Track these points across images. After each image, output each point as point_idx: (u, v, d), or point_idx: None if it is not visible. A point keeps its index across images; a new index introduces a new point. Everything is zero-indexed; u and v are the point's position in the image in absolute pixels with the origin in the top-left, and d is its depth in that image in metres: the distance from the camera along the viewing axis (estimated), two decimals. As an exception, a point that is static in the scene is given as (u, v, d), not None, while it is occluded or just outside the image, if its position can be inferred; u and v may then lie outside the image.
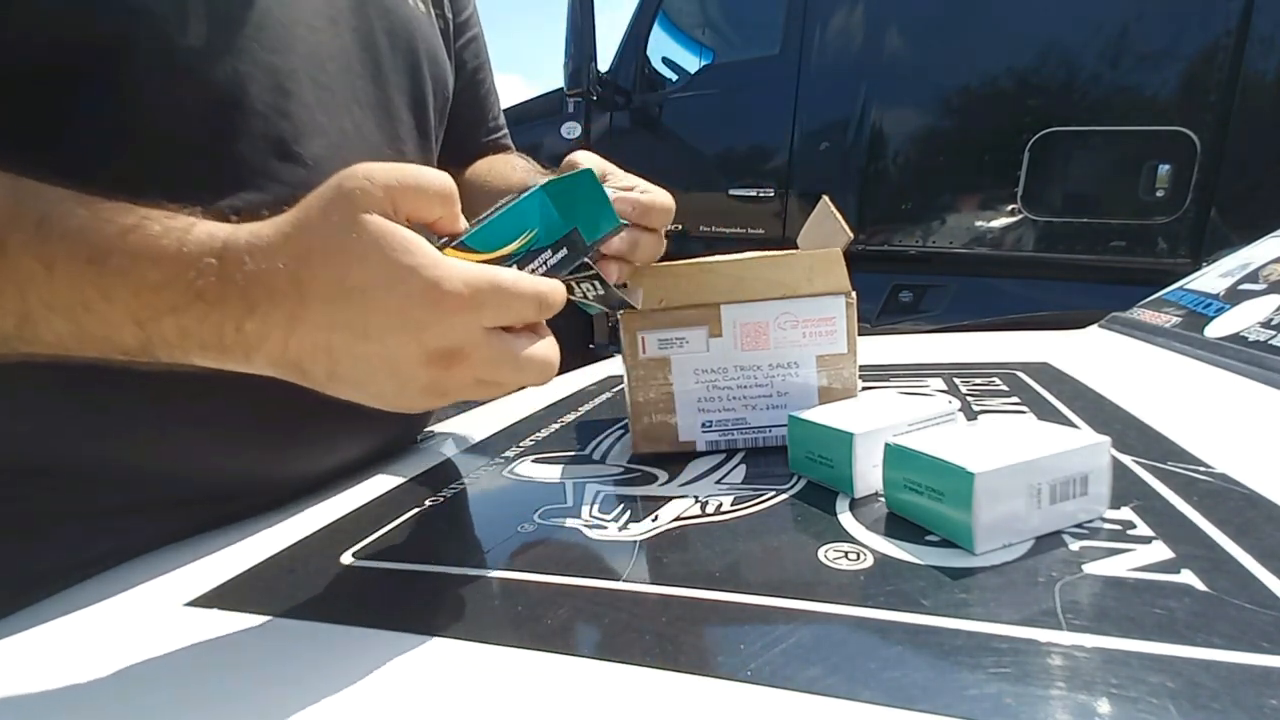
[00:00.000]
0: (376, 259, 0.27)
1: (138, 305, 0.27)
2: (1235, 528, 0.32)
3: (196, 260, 0.27)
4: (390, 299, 0.27)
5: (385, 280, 0.27)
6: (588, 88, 2.61)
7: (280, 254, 0.27)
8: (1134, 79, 2.01)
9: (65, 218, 0.27)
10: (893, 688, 0.23)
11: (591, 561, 0.35)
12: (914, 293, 2.37)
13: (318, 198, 0.28)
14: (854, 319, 0.47)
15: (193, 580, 0.36)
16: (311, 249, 0.27)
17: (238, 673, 0.28)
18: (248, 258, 0.27)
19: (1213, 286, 0.80)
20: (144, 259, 0.27)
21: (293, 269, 0.27)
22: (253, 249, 0.27)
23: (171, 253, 0.27)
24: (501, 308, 0.29)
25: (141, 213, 0.28)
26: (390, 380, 0.29)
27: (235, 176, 0.39)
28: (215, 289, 0.27)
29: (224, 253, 0.27)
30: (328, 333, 0.27)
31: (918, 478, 0.34)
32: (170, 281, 0.27)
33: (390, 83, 0.49)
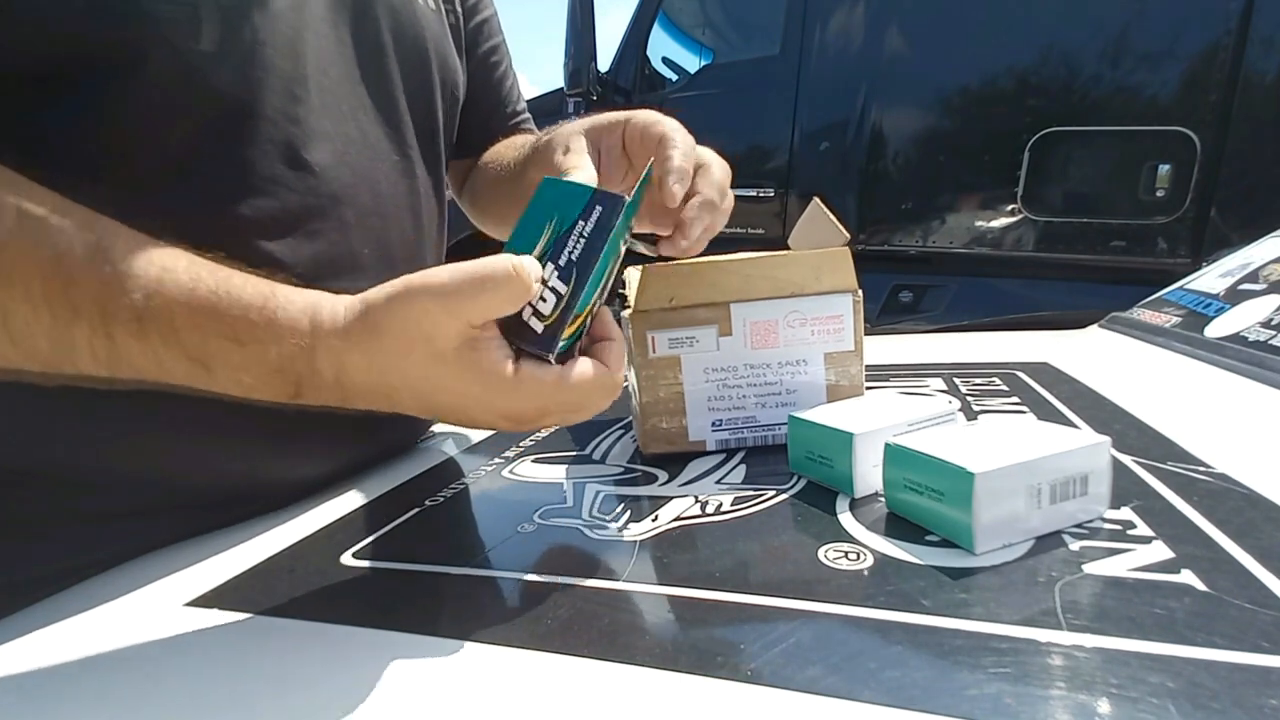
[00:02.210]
0: (457, 390, 0.31)
1: (241, 393, 0.31)
2: (1235, 528, 0.32)
3: (287, 374, 0.30)
4: (471, 415, 0.32)
5: (467, 404, 0.31)
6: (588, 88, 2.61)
7: (367, 373, 0.30)
8: (1134, 79, 2.01)
9: (159, 316, 0.29)
10: (893, 688, 0.23)
11: (591, 561, 0.35)
12: (914, 293, 2.37)
13: (395, 318, 0.29)
14: (860, 316, 0.47)
15: (193, 580, 0.36)
16: (395, 387, 0.31)
17: (238, 673, 0.28)
18: (338, 374, 0.30)
19: (1213, 286, 0.80)
20: (240, 368, 0.30)
21: (378, 385, 0.31)
22: (342, 366, 0.30)
23: (267, 368, 0.30)
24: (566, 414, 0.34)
25: (231, 314, 0.29)
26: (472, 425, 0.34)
27: (244, 183, 0.39)
28: (309, 394, 0.31)
29: (314, 367, 0.30)
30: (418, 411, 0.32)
31: (918, 478, 0.34)
32: (266, 387, 0.31)
33: (396, 86, 0.49)
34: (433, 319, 0.29)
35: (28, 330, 0.28)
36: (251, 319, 0.29)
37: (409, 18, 0.49)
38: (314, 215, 0.42)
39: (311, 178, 0.42)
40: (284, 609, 0.32)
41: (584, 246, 0.32)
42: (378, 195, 0.47)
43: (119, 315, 0.28)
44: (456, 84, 0.56)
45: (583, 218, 0.32)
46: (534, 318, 0.31)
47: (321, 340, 0.30)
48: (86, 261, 0.28)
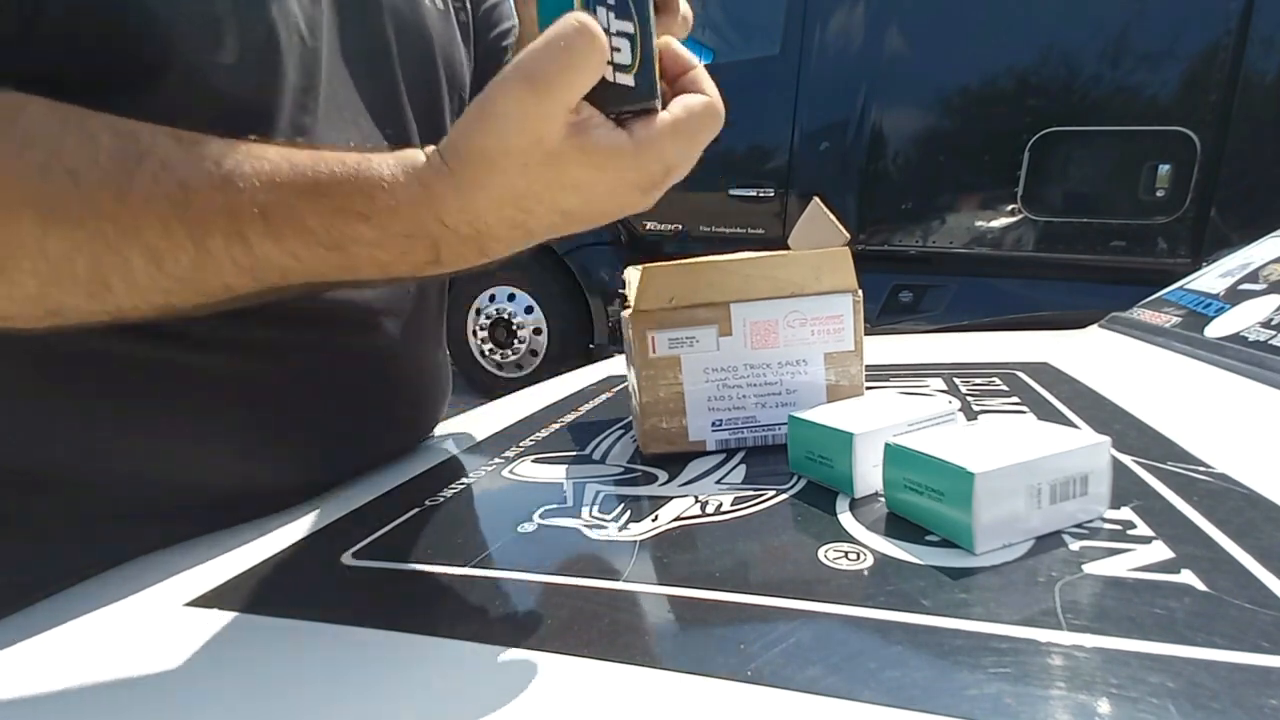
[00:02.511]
0: (585, 182, 0.29)
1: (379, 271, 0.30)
2: (1235, 528, 0.32)
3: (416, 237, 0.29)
4: (605, 207, 0.30)
5: (598, 195, 0.29)
6: (588, 88, 2.61)
7: (497, 204, 0.29)
8: (1134, 79, 2.02)
9: (281, 208, 0.28)
10: (893, 688, 0.23)
11: (591, 561, 0.35)
12: (914, 293, 2.38)
13: (502, 150, 0.27)
14: (860, 316, 0.47)
15: (193, 580, 0.36)
16: (525, 210, 0.29)
17: (238, 673, 0.28)
18: (468, 226, 0.29)
19: (1213, 286, 0.80)
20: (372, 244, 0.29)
21: (512, 215, 0.29)
22: (464, 215, 0.29)
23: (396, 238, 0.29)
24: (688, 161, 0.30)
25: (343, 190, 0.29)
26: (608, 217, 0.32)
27: None
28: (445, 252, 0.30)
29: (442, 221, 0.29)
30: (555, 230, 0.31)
31: (918, 478, 0.34)
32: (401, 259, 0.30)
33: (399, 90, 0.48)
34: (525, 108, 0.27)
35: (174, 258, 0.28)
36: (365, 191, 0.29)
37: (413, 19, 0.49)
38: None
39: None
40: (284, 609, 0.32)
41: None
42: None
43: (244, 216, 0.28)
44: (463, 84, 0.55)
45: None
46: (619, 73, 0.28)
47: (437, 188, 0.29)
48: (195, 170, 0.28)
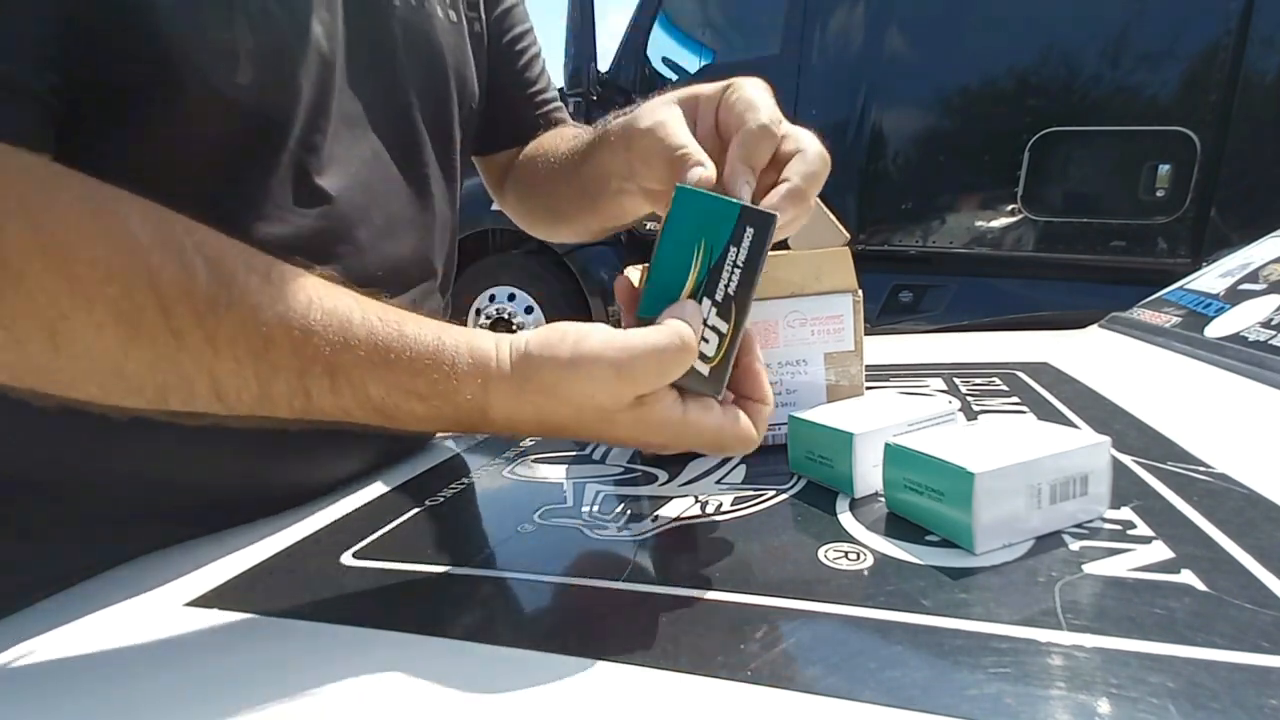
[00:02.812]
0: (625, 435, 0.33)
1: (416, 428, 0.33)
2: (1235, 528, 0.32)
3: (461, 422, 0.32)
4: (626, 444, 0.37)
5: (630, 439, 0.33)
6: (588, 88, 2.62)
7: (536, 424, 0.32)
8: (1134, 79, 2.02)
9: (349, 371, 0.30)
10: (893, 688, 0.23)
11: (591, 561, 0.35)
12: (914, 293, 2.38)
13: (564, 380, 0.30)
14: (860, 316, 0.47)
15: (193, 580, 0.36)
16: (563, 428, 0.32)
17: (238, 673, 0.28)
18: (507, 422, 0.32)
19: (1213, 286, 0.80)
20: (421, 419, 0.32)
21: (548, 433, 0.33)
22: (509, 417, 0.32)
23: (445, 417, 0.32)
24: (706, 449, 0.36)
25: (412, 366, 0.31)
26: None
27: (260, 211, 0.39)
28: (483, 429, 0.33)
29: (487, 415, 0.32)
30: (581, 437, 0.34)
31: (918, 478, 0.34)
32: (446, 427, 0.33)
33: (411, 105, 0.48)
34: (606, 390, 0.30)
35: (236, 395, 0.30)
36: (431, 376, 0.31)
37: (427, 34, 0.49)
38: (328, 240, 0.42)
39: (326, 203, 0.42)
40: (284, 609, 0.32)
41: (739, 278, 0.31)
42: (390, 215, 0.47)
43: (312, 372, 0.30)
44: (474, 95, 0.55)
45: (734, 243, 0.31)
46: (699, 360, 0.31)
47: (494, 393, 0.31)
48: (279, 321, 0.30)
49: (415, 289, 0.50)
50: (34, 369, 0.28)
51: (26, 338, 0.27)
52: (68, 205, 0.28)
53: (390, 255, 0.46)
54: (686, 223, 0.31)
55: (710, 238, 0.31)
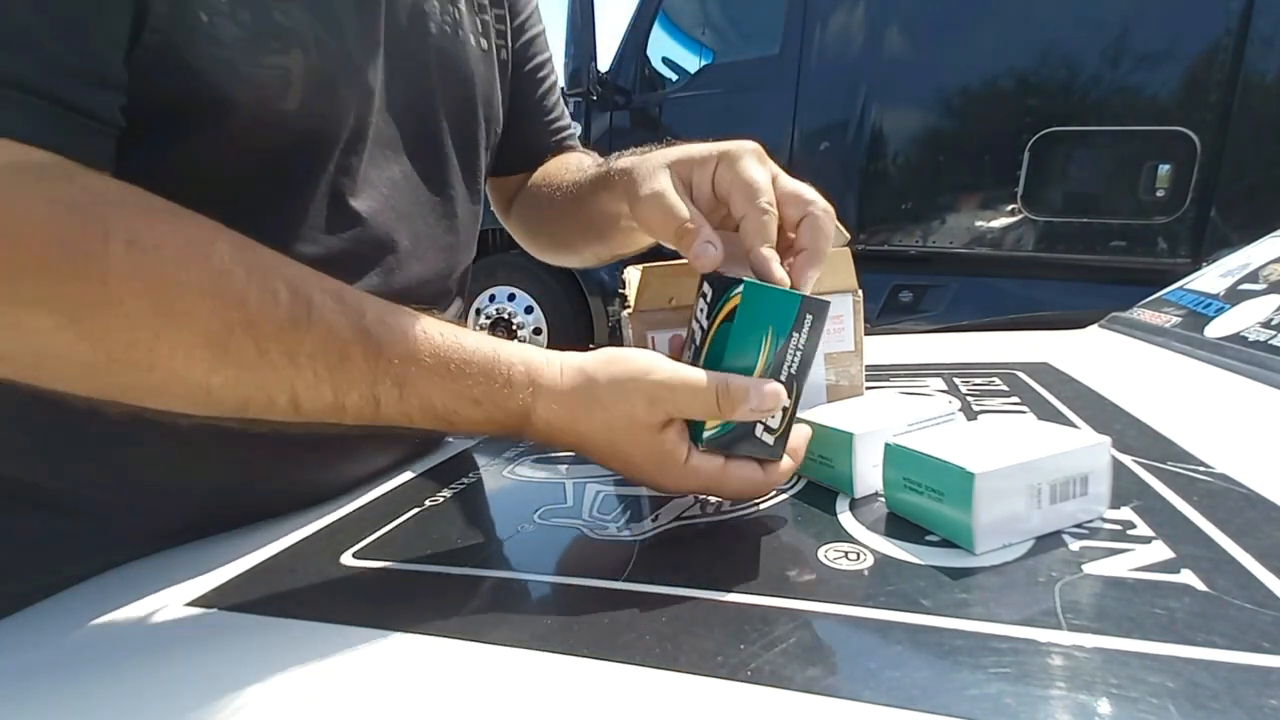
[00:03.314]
0: (635, 459, 0.35)
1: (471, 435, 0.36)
2: (1235, 528, 0.32)
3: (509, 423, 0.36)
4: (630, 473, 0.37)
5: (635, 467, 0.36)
6: (588, 88, 2.62)
7: (569, 433, 0.36)
8: (1134, 79, 2.02)
9: (416, 382, 0.33)
10: (893, 688, 0.23)
11: (591, 561, 0.35)
12: (914, 293, 2.38)
13: (609, 392, 0.34)
14: (860, 316, 0.47)
15: (193, 580, 0.36)
16: (589, 440, 0.36)
17: (238, 673, 0.28)
18: (548, 427, 0.36)
19: (1213, 286, 0.80)
20: (476, 422, 0.35)
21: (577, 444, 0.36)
22: (550, 424, 0.35)
23: (495, 420, 0.35)
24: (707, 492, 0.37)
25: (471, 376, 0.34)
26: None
27: (295, 232, 0.40)
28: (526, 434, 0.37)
29: (530, 419, 0.35)
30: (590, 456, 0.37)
31: (918, 478, 0.34)
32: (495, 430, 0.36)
33: (442, 129, 0.49)
34: (646, 404, 0.34)
35: (312, 405, 0.32)
36: (488, 386, 0.34)
37: (460, 62, 0.50)
38: (357, 261, 0.43)
39: (357, 225, 0.42)
40: (284, 609, 0.32)
41: (800, 359, 0.35)
42: (416, 237, 0.47)
43: (384, 383, 0.33)
44: (499, 121, 0.56)
45: (796, 330, 0.34)
46: (765, 432, 0.35)
47: (542, 401, 0.35)
48: (354, 338, 0.32)
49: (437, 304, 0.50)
50: (123, 386, 0.30)
51: (121, 357, 0.28)
52: (164, 234, 0.29)
53: (415, 275, 0.47)
54: (757, 317, 0.34)
55: (777, 325, 0.34)
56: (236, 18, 0.34)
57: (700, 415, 0.34)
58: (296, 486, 0.45)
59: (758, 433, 0.34)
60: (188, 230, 0.30)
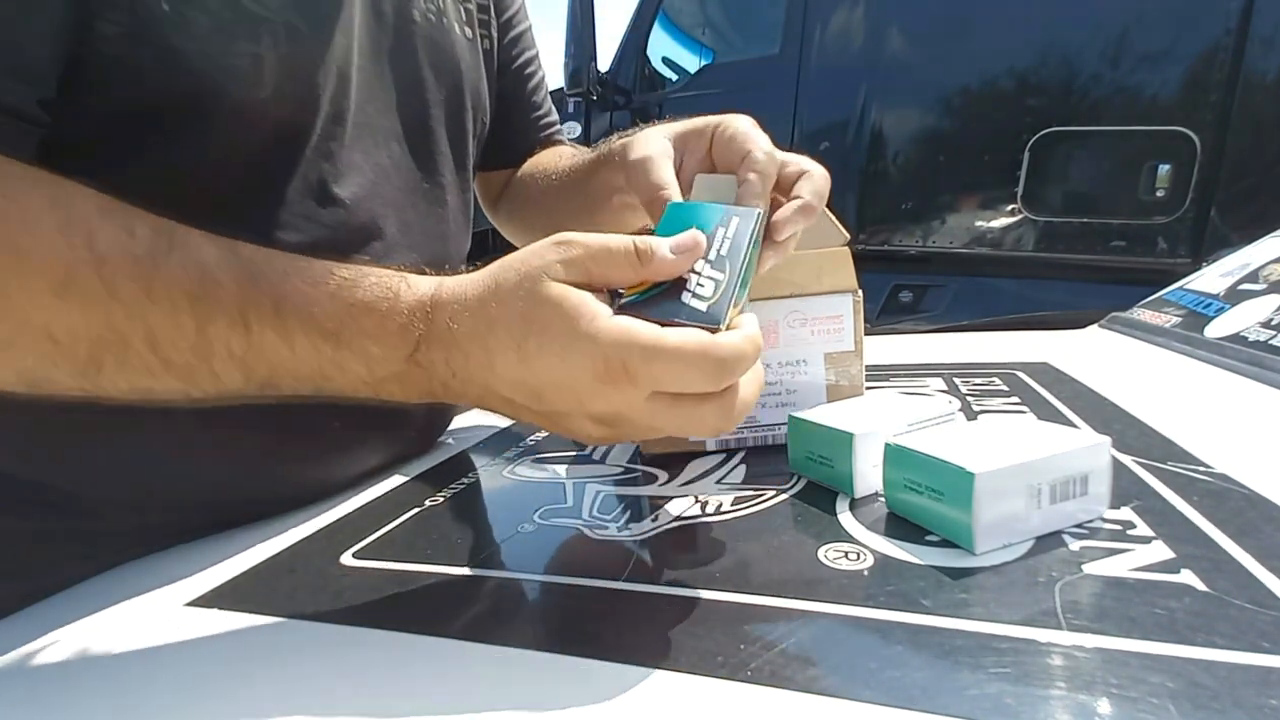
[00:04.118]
0: (551, 331, 0.28)
1: (367, 374, 0.31)
2: (1235, 528, 0.32)
3: (410, 330, 0.31)
4: (558, 371, 0.28)
5: (556, 352, 0.28)
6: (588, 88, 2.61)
7: (475, 316, 0.30)
8: (1134, 79, 2.01)
9: (295, 295, 0.30)
10: (893, 688, 0.23)
11: (591, 561, 0.35)
12: (914, 293, 2.37)
13: (516, 260, 0.30)
14: (860, 316, 0.47)
15: (193, 580, 0.36)
16: (498, 315, 0.29)
17: (238, 672, 0.28)
18: (450, 321, 0.30)
19: (1213, 286, 0.80)
20: (368, 334, 0.31)
21: (483, 333, 0.29)
22: (453, 313, 0.30)
23: (392, 327, 0.31)
24: (659, 382, 0.28)
25: (361, 283, 0.31)
26: (564, 432, 0.32)
27: (276, 220, 0.39)
28: (424, 354, 0.31)
29: (432, 316, 0.31)
30: (510, 392, 0.30)
31: (918, 478, 0.34)
32: (391, 353, 0.31)
33: (431, 116, 0.49)
34: (552, 258, 0.29)
35: (172, 344, 0.29)
36: (382, 287, 0.31)
37: (447, 49, 0.50)
38: (343, 248, 0.42)
39: (342, 211, 0.42)
40: (284, 609, 0.32)
41: (731, 245, 0.32)
42: (406, 225, 0.47)
43: (255, 303, 0.30)
44: (486, 112, 0.57)
45: (722, 224, 0.33)
46: (695, 299, 0.31)
47: (445, 288, 0.31)
48: (220, 262, 0.30)
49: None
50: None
51: None
52: (11, 180, 0.28)
53: (405, 263, 0.47)
54: (677, 221, 0.33)
55: (701, 224, 0.32)
56: (205, 6, 0.34)
57: (618, 270, 0.29)
58: (295, 483, 0.45)
59: (685, 299, 0.30)
60: (48, 184, 0.29)
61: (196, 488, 0.42)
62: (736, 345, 0.28)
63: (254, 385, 0.31)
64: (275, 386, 0.31)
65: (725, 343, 0.28)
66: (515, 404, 0.31)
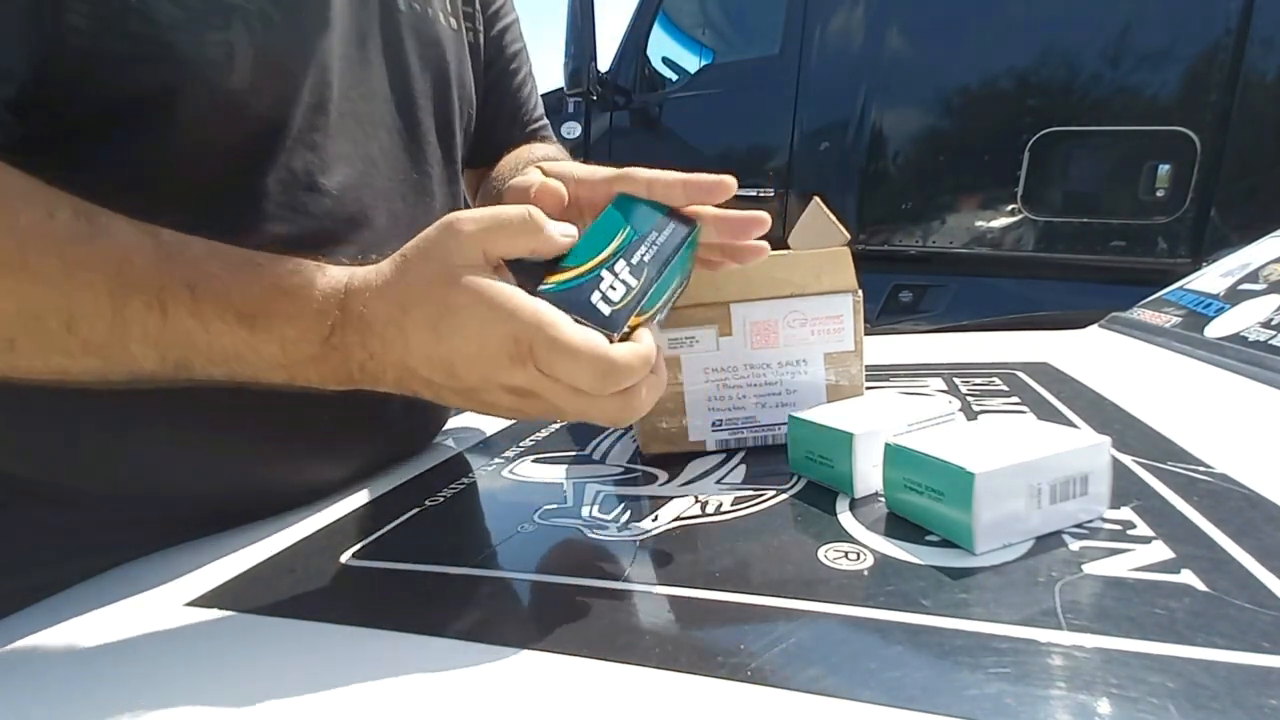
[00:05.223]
0: (462, 310, 0.30)
1: (282, 356, 0.31)
2: (1235, 528, 0.32)
3: (325, 315, 0.31)
4: (473, 345, 0.30)
5: (473, 328, 0.30)
6: (588, 88, 2.61)
7: (388, 301, 0.31)
8: (1134, 79, 2.01)
9: (212, 279, 0.31)
10: (893, 688, 0.23)
11: (591, 561, 0.35)
12: (914, 293, 2.37)
13: (418, 248, 0.31)
14: (860, 316, 0.47)
15: (193, 580, 0.36)
16: (410, 299, 0.31)
17: (238, 673, 0.28)
18: (363, 307, 0.31)
19: (1213, 286, 0.80)
20: (283, 317, 0.31)
21: (398, 317, 0.31)
22: (366, 300, 0.31)
23: (307, 311, 0.31)
24: (555, 371, 0.30)
25: (276, 269, 0.32)
26: (480, 406, 0.33)
27: (261, 211, 0.39)
28: (340, 337, 0.31)
29: (345, 303, 0.31)
30: (427, 372, 0.31)
31: (918, 478, 0.34)
32: (306, 335, 0.31)
33: (419, 106, 0.49)
34: (453, 242, 0.30)
35: (90, 325, 0.29)
36: (298, 273, 0.32)
37: (433, 39, 0.50)
38: (330, 239, 0.42)
39: (328, 201, 0.42)
40: (284, 609, 0.32)
41: (656, 252, 0.33)
42: (394, 216, 0.47)
43: (172, 285, 0.30)
44: (472, 105, 0.56)
45: (656, 230, 0.34)
46: (602, 302, 0.32)
47: (359, 276, 0.32)
48: (139, 245, 0.30)
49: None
50: None
51: None
52: None
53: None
54: (616, 216, 0.34)
55: (635, 225, 0.34)
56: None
57: (513, 239, 0.31)
58: (280, 484, 0.45)
59: (594, 298, 0.31)
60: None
61: (195, 482, 0.42)
62: (624, 358, 0.30)
63: (169, 367, 0.31)
64: (189, 369, 0.32)
65: (615, 354, 0.29)
66: (434, 384, 0.32)
